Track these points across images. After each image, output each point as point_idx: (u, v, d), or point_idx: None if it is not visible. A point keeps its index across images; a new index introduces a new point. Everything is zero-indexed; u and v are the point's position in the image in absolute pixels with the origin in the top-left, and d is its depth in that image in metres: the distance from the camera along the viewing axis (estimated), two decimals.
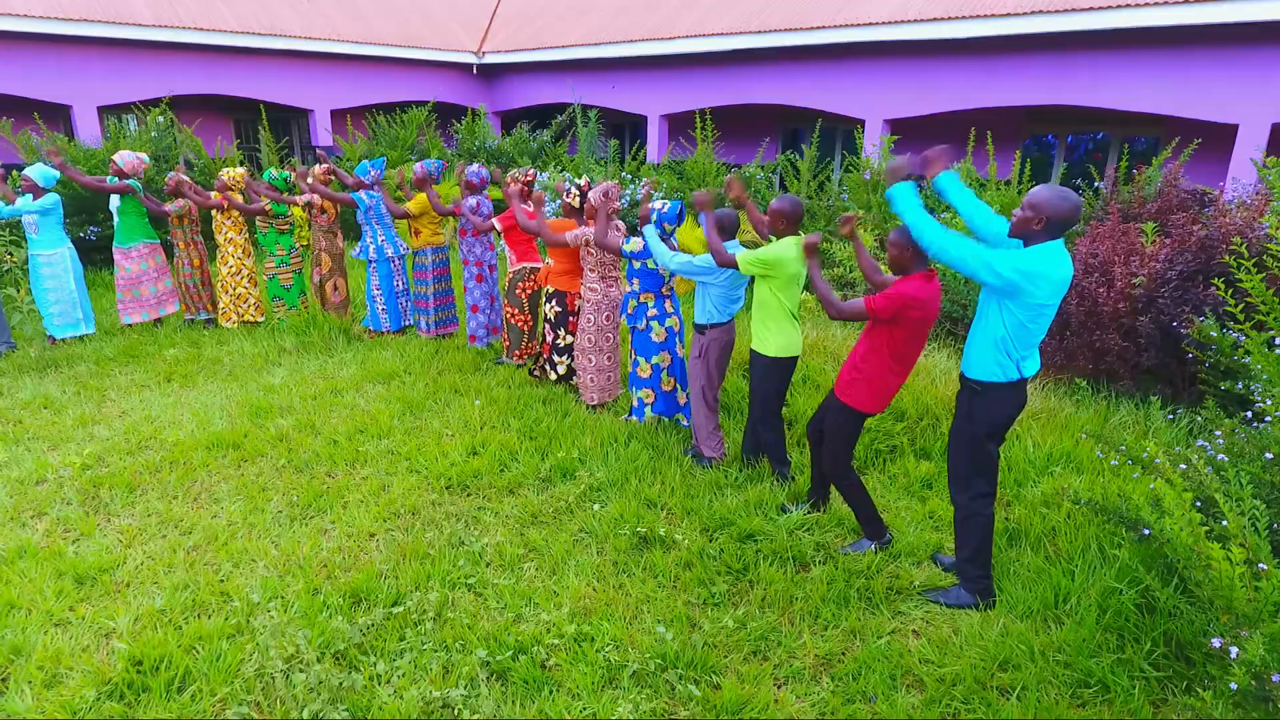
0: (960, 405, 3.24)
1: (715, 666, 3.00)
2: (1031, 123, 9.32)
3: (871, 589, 3.46)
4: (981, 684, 2.90)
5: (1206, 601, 2.62)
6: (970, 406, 3.19)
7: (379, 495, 4.28)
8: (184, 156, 10.21)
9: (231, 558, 3.67)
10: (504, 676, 2.93)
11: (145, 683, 2.84)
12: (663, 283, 4.85)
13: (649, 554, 3.71)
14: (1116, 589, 3.16)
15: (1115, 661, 2.91)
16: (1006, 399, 3.11)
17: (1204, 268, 5.02)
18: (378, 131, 12.32)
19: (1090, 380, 5.61)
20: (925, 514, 4.14)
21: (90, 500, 4.21)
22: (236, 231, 7.05)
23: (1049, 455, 4.61)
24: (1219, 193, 5.81)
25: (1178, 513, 2.62)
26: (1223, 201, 5.54)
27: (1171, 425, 4.85)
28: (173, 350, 6.64)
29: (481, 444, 4.84)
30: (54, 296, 6.56)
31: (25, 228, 6.44)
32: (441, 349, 6.66)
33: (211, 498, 4.26)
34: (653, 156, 12.18)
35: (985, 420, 3.16)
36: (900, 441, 4.86)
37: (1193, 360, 4.94)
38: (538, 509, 4.14)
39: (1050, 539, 3.79)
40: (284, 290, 7.22)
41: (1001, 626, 3.18)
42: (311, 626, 3.10)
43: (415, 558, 3.65)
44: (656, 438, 4.88)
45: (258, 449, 4.78)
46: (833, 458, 3.69)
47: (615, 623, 3.20)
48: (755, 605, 3.37)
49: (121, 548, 3.76)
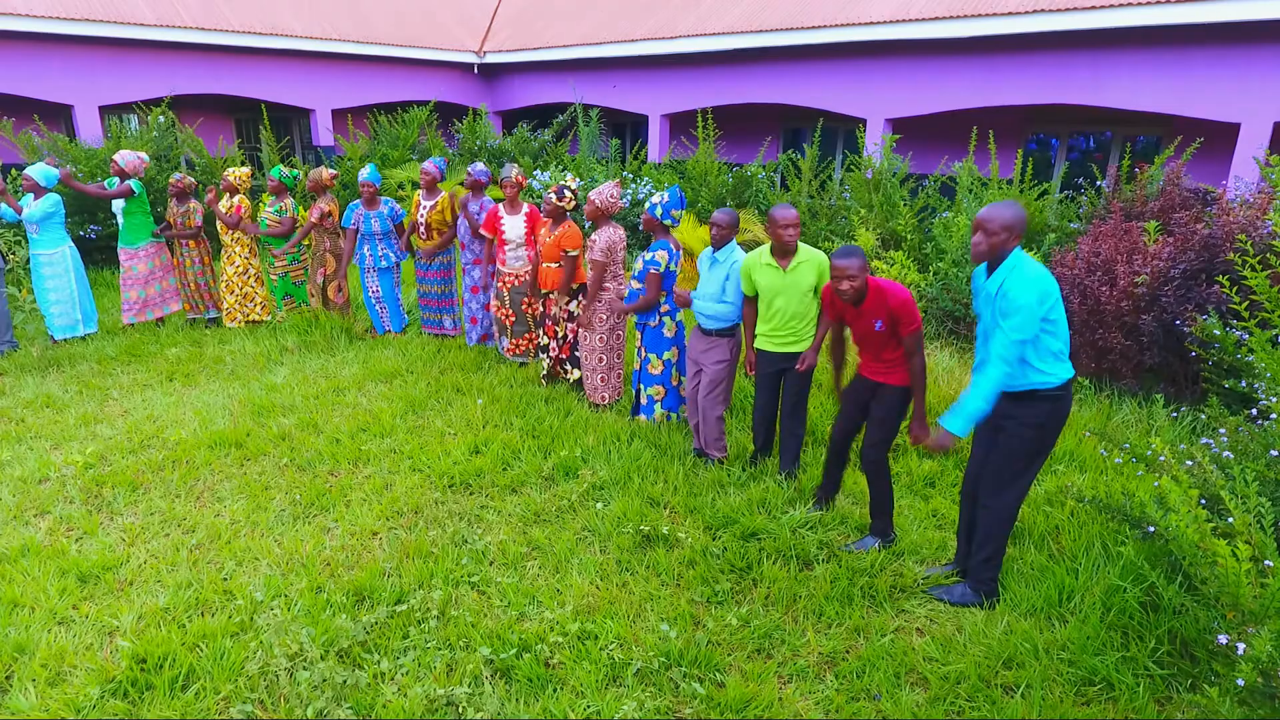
0: (1026, 414, 3.11)
1: (719, 664, 3.00)
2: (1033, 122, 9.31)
3: (875, 587, 3.46)
4: (986, 682, 2.90)
5: (1212, 598, 2.62)
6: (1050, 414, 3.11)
7: (382, 494, 4.28)
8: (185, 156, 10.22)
9: (234, 556, 3.67)
10: (508, 674, 2.93)
11: (149, 680, 2.84)
12: (674, 279, 4.84)
13: (652, 552, 3.71)
14: (1121, 587, 3.16)
15: (1120, 659, 2.91)
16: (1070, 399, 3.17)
17: (1207, 266, 5.02)
18: (379, 131, 12.32)
19: (1093, 379, 5.61)
20: (928, 512, 4.14)
21: (93, 499, 4.21)
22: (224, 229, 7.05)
23: (1053, 453, 4.60)
24: (1221, 191, 5.80)
25: (1183, 509, 2.62)
26: (1225, 200, 5.53)
27: (1175, 423, 4.84)
28: (175, 349, 6.64)
29: (484, 443, 4.84)
30: (55, 296, 6.56)
31: (26, 227, 6.44)
32: (443, 348, 6.66)
33: (214, 496, 4.26)
34: (654, 156, 12.18)
35: (1058, 424, 3.15)
36: (903, 440, 4.86)
37: (1196, 358, 4.93)
38: (541, 507, 4.14)
39: (1054, 537, 3.79)
40: (295, 288, 7.22)
41: (1005, 624, 3.18)
42: (315, 624, 3.10)
43: (418, 556, 3.65)
44: (659, 436, 4.88)
45: (260, 448, 4.78)
46: (886, 443, 3.72)
47: (619, 621, 3.20)
48: (759, 603, 3.37)
49: (124, 546, 3.76)
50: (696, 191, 9.79)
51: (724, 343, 4.47)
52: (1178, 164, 6.27)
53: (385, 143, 12.17)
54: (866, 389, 3.73)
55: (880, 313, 3.47)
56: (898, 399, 3.64)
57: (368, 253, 6.71)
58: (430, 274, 6.76)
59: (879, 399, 3.69)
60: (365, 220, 6.61)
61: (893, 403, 3.64)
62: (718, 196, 9.64)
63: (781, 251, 4.07)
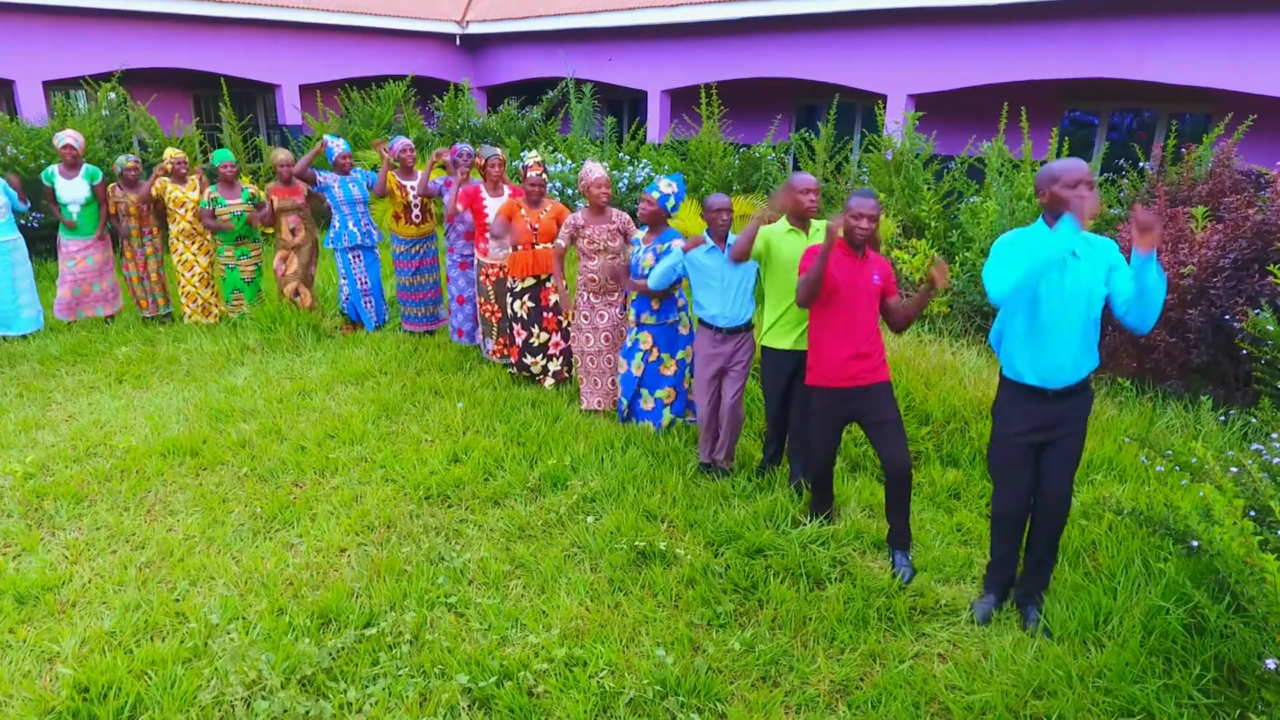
0: (1085, 401, 3.23)
1: (720, 693, 3.00)
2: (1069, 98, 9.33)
3: (893, 609, 3.46)
4: (1014, 712, 2.90)
5: (1260, 620, 2.62)
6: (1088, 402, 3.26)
7: (351, 506, 4.28)
8: (137, 137, 10.23)
9: (188, 575, 3.67)
10: (487, 705, 2.93)
11: (92, 711, 2.84)
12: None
13: (648, 570, 3.72)
14: (1163, 608, 3.16)
15: (1161, 687, 2.91)
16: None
17: (1260, 255, 5.03)
18: (351, 109, 12.33)
19: (1134, 380, 5.62)
20: (953, 526, 4.14)
21: (33, 512, 4.21)
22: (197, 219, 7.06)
23: (1089, 462, 4.61)
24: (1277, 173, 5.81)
25: (1228, 521, 2.62)
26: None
27: (1224, 428, 4.85)
28: (125, 349, 6.65)
29: (464, 450, 4.84)
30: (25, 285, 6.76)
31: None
32: (420, 346, 6.67)
33: (166, 509, 4.26)
34: (653, 136, 12.19)
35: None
36: (925, 447, 4.87)
37: (1247, 357, 4.94)
38: (525, 521, 4.14)
39: (1090, 553, 3.79)
40: (245, 284, 7.22)
41: (1036, 649, 3.18)
42: (275, 650, 3.10)
43: (390, 575, 3.65)
44: (656, 443, 4.89)
45: (217, 456, 4.78)
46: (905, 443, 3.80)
47: (610, 646, 3.21)
48: (765, 626, 3.37)
49: (67, 564, 3.77)
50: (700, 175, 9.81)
51: (750, 339, 4.50)
52: (1228, 144, 6.28)
53: (358, 121, 12.18)
54: (845, 404, 3.79)
55: (876, 263, 3.74)
56: (893, 395, 3.83)
57: (352, 228, 6.73)
58: (425, 262, 6.78)
59: (876, 403, 3.74)
60: (344, 185, 6.64)
61: (893, 400, 3.81)
62: (723, 180, 9.65)
63: (800, 221, 4.13)
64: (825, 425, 3.89)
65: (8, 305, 6.72)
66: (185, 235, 7.03)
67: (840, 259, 3.67)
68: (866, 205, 3.60)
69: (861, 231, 3.60)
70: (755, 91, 11.70)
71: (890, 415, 3.75)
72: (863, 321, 3.68)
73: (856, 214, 3.60)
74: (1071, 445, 3.21)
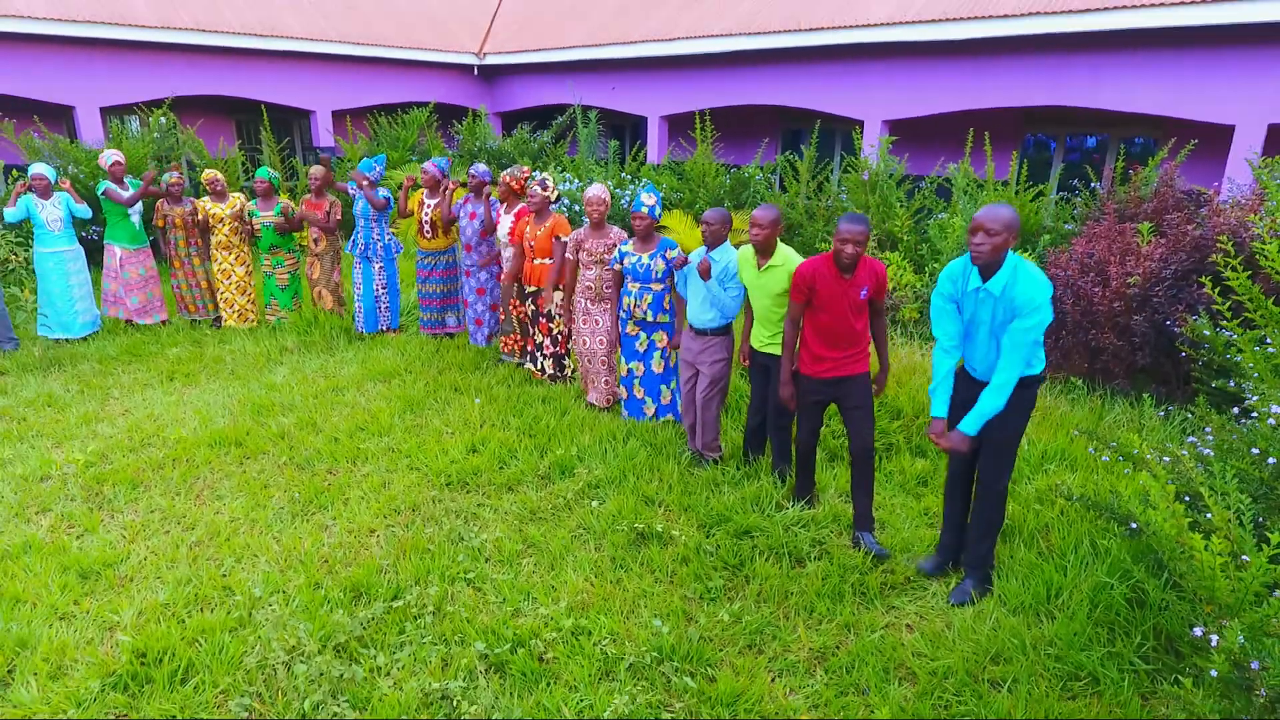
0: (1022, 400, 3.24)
1: (710, 659, 3.04)
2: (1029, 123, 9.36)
3: (866, 584, 3.51)
4: (973, 676, 2.95)
5: (1192, 593, 2.67)
6: (1027, 401, 3.27)
7: (379, 492, 4.33)
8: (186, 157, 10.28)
9: (234, 553, 3.72)
10: (502, 669, 2.98)
11: (149, 674, 2.89)
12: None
13: (646, 550, 3.76)
14: (1107, 583, 3.20)
15: (1105, 654, 2.96)
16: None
17: (1198, 267, 5.07)
18: (378, 132, 12.37)
19: (1086, 379, 5.66)
20: (920, 510, 4.19)
21: (94, 496, 4.26)
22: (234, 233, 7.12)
23: (1044, 453, 4.65)
24: (1214, 193, 5.85)
25: (1163, 506, 2.67)
26: (1217, 202, 5.58)
27: (1165, 423, 4.89)
28: (175, 350, 6.69)
29: (481, 441, 4.89)
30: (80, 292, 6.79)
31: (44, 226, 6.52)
32: (442, 348, 6.71)
33: (214, 494, 4.31)
34: (653, 157, 12.23)
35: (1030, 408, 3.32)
36: (896, 439, 4.91)
37: (1186, 359, 4.98)
38: (536, 505, 4.19)
39: (1043, 535, 3.83)
40: (280, 291, 7.27)
41: (994, 620, 3.22)
42: (312, 620, 3.15)
43: (415, 553, 3.70)
44: (655, 435, 4.93)
45: (259, 446, 4.83)
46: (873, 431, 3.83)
47: (612, 617, 3.25)
48: (751, 600, 3.41)
49: (125, 543, 3.81)
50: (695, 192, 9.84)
51: (719, 341, 4.47)
52: (1171, 165, 6.32)
53: (385, 144, 12.22)
54: (826, 388, 3.82)
55: (869, 279, 3.66)
56: (869, 385, 3.82)
57: (376, 238, 6.80)
58: (435, 273, 6.81)
59: (852, 391, 3.78)
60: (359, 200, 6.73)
61: (867, 389, 3.82)
62: (715, 197, 9.68)
63: (760, 250, 4.09)
64: (808, 407, 3.93)
65: (66, 311, 6.76)
66: (222, 247, 7.10)
67: (828, 278, 3.66)
68: (854, 231, 3.50)
69: (847, 256, 3.54)
70: (744, 117, 11.74)
71: (863, 402, 3.79)
72: (846, 329, 3.70)
73: (843, 239, 3.53)
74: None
